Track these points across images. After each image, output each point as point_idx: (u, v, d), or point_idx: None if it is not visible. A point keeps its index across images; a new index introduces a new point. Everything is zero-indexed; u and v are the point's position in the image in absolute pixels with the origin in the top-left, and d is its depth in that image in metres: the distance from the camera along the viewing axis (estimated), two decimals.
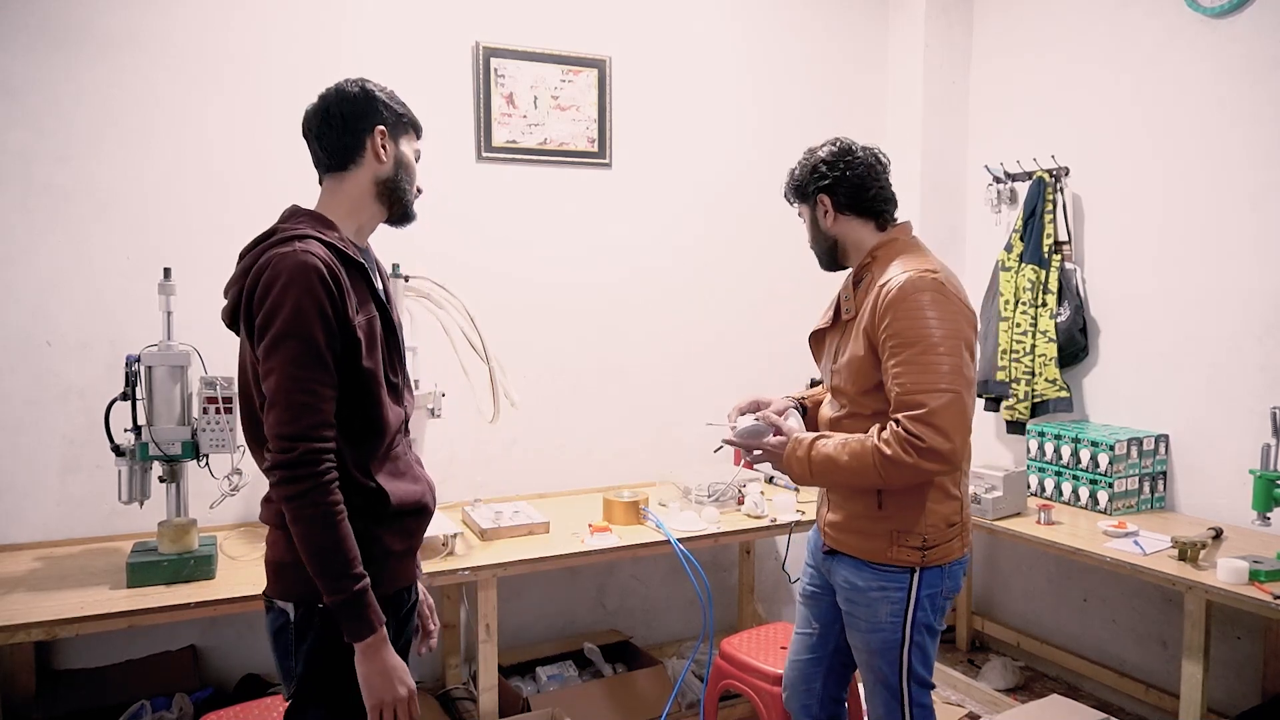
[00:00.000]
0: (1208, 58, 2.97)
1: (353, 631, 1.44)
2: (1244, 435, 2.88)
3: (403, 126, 1.64)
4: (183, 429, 2.33)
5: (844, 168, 1.96)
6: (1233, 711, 2.90)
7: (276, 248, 1.47)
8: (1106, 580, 3.35)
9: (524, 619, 3.34)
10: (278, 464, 1.42)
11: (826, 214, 2.00)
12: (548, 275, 3.31)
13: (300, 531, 1.42)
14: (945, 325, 1.79)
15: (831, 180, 1.96)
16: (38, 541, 2.63)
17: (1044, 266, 3.35)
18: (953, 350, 1.78)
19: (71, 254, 2.65)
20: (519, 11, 3.18)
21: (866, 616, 1.96)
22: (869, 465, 1.81)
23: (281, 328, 1.42)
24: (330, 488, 1.43)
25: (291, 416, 1.41)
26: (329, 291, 1.45)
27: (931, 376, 1.76)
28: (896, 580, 1.92)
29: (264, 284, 1.44)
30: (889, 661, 1.97)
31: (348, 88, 1.61)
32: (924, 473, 1.79)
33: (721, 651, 2.72)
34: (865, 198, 1.97)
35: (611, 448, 3.47)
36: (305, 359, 1.42)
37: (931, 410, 1.75)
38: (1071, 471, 3.14)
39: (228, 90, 2.80)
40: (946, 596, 1.99)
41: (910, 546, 1.90)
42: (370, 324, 1.53)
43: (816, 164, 2.00)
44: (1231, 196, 2.92)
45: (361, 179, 1.61)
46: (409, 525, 1.61)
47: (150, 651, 2.77)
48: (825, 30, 3.77)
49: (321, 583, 1.43)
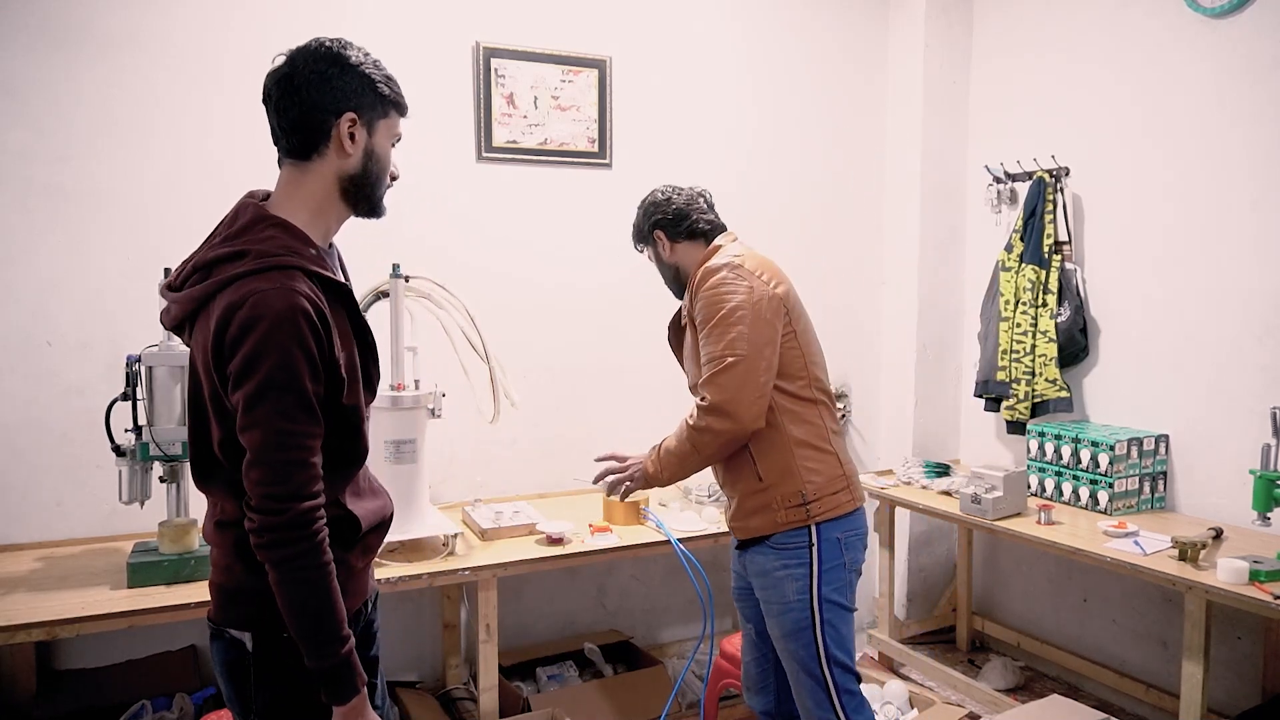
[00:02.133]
0: (1208, 58, 2.97)
1: (337, 695, 1.36)
2: (1244, 435, 2.88)
3: (382, 107, 1.43)
4: (183, 429, 2.33)
5: (667, 204, 2.25)
6: (1233, 711, 2.90)
7: (253, 279, 1.30)
8: (1106, 580, 3.35)
9: (524, 619, 3.34)
10: (266, 526, 1.29)
11: (664, 247, 2.27)
12: (548, 275, 3.31)
13: (288, 595, 1.31)
14: (736, 298, 2.04)
15: (658, 218, 2.25)
16: (38, 541, 2.64)
17: (1044, 267, 3.35)
18: (741, 319, 2.02)
19: (71, 254, 2.65)
20: (519, 11, 3.18)
21: (777, 599, 2.11)
22: (685, 440, 2.08)
23: (267, 378, 1.27)
24: (323, 548, 1.33)
25: (281, 476, 1.29)
26: (316, 336, 1.31)
27: (720, 345, 2.02)
28: (797, 557, 2.09)
29: (242, 325, 1.27)
30: (804, 644, 2.08)
31: (318, 52, 1.39)
32: (716, 432, 2.02)
33: (722, 651, 2.72)
34: (689, 224, 2.23)
35: (612, 448, 3.45)
36: (294, 412, 1.29)
37: (715, 371, 2.01)
38: (1072, 471, 3.14)
39: (228, 90, 2.80)
40: (850, 569, 2.13)
41: (794, 505, 2.08)
42: (350, 359, 1.42)
43: (647, 207, 2.29)
44: (1232, 197, 2.92)
45: (324, 173, 1.42)
46: (370, 541, 1.54)
47: (150, 651, 2.77)
48: (825, 30, 3.77)
49: (308, 647, 1.33)
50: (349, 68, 1.39)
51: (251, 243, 1.35)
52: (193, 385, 1.41)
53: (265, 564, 1.32)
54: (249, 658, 1.41)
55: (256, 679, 1.41)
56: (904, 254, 3.88)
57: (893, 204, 3.92)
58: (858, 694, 2.12)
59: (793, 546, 2.09)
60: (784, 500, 2.08)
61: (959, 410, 3.96)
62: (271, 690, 1.41)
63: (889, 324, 3.97)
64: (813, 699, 2.09)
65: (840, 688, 2.08)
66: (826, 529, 2.09)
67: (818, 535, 2.08)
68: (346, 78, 1.39)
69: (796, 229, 3.76)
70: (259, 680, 1.41)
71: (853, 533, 2.14)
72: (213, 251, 1.38)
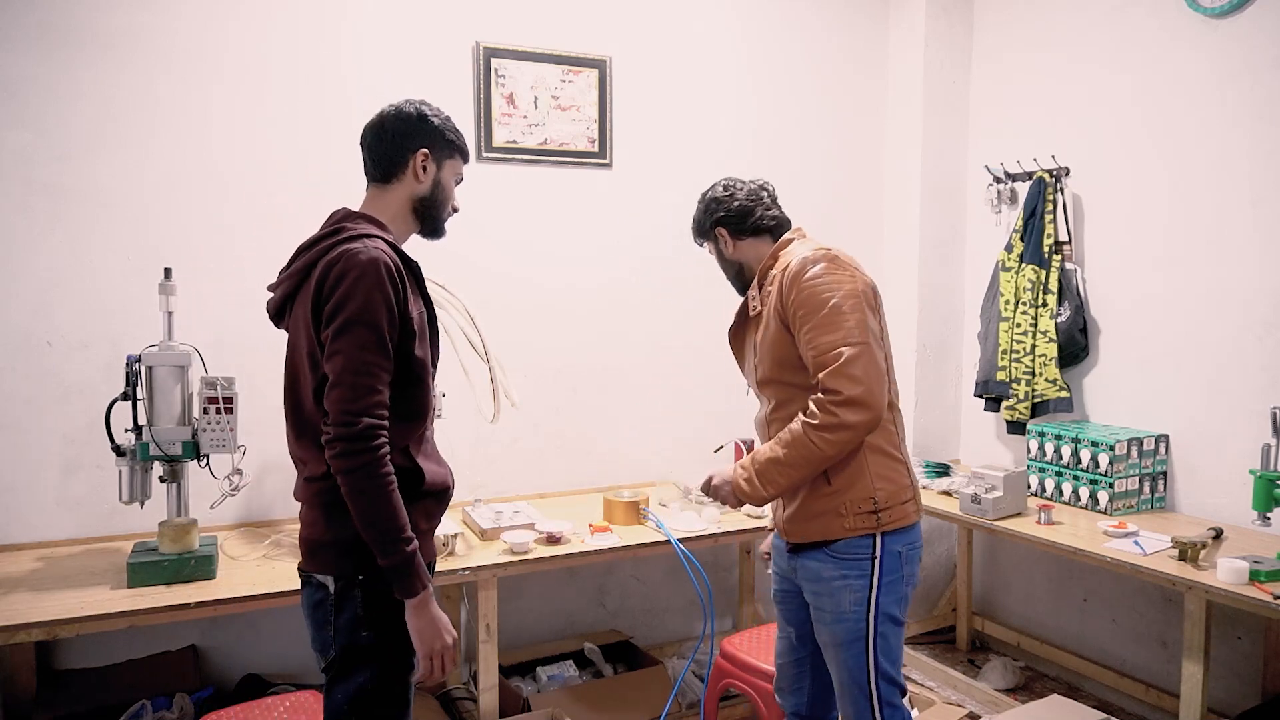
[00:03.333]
0: (1208, 58, 2.97)
1: (405, 589, 1.58)
2: (1244, 435, 2.88)
3: (449, 151, 1.79)
4: (183, 429, 2.33)
5: (729, 201, 2.17)
6: (1233, 711, 2.90)
7: (348, 244, 1.61)
8: (1107, 580, 3.35)
9: (524, 619, 3.34)
10: (340, 436, 1.53)
11: (727, 243, 2.19)
12: (548, 275, 3.31)
13: (358, 501, 1.54)
14: (843, 288, 1.95)
15: (723, 214, 2.17)
16: (38, 541, 2.63)
17: (1044, 267, 3.35)
18: (854, 309, 1.93)
19: (71, 254, 2.65)
20: (519, 11, 3.18)
21: (831, 607, 2.02)
22: (805, 443, 1.91)
23: (352, 314, 1.55)
24: (385, 461, 1.56)
25: (355, 395, 1.54)
26: (394, 285, 1.59)
27: (839, 334, 1.91)
28: (859, 568, 1.99)
29: (336, 275, 1.57)
30: (855, 655, 2.02)
31: (405, 108, 1.75)
32: (851, 426, 1.88)
33: (722, 651, 2.72)
34: (753, 220, 2.15)
35: (611, 448, 3.47)
36: (371, 344, 1.55)
37: (845, 360, 1.89)
38: (1072, 471, 3.14)
39: (228, 90, 2.80)
40: (907, 583, 2.05)
41: (864, 512, 1.98)
42: (422, 317, 1.69)
43: (709, 203, 2.20)
44: (1232, 196, 2.92)
45: (400, 194, 1.75)
46: (432, 506, 1.74)
47: (151, 651, 2.77)
48: (825, 30, 3.77)
49: (378, 547, 1.55)
50: (425, 120, 1.76)
51: (345, 226, 1.67)
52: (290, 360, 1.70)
53: (338, 475, 1.55)
54: (330, 599, 1.64)
55: (336, 618, 1.64)
56: (904, 254, 3.88)
57: (893, 204, 3.92)
58: (900, 708, 2.07)
59: (854, 557, 1.99)
60: (854, 506, 1.97)
61: (959, 410, 3.96)
62: (350, 628, 1.63)
63: (889, 323, 3.95)
64: (854, 708, 2.04)
65: (884, 700, 2.03)
66: (890, 540, 2.00)
67: (881, 547, 1.99)
68: (424, 124, 1.76)
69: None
70: (338, 619, 1.64)
71: (912, 546, 2.05)
72: (313, 236, 1.69)
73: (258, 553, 2.57)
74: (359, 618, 1.63)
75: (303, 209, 2.76)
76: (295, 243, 1.72)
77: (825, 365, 1.90)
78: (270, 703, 2.21)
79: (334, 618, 1.64)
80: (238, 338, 2.77)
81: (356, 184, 1.81)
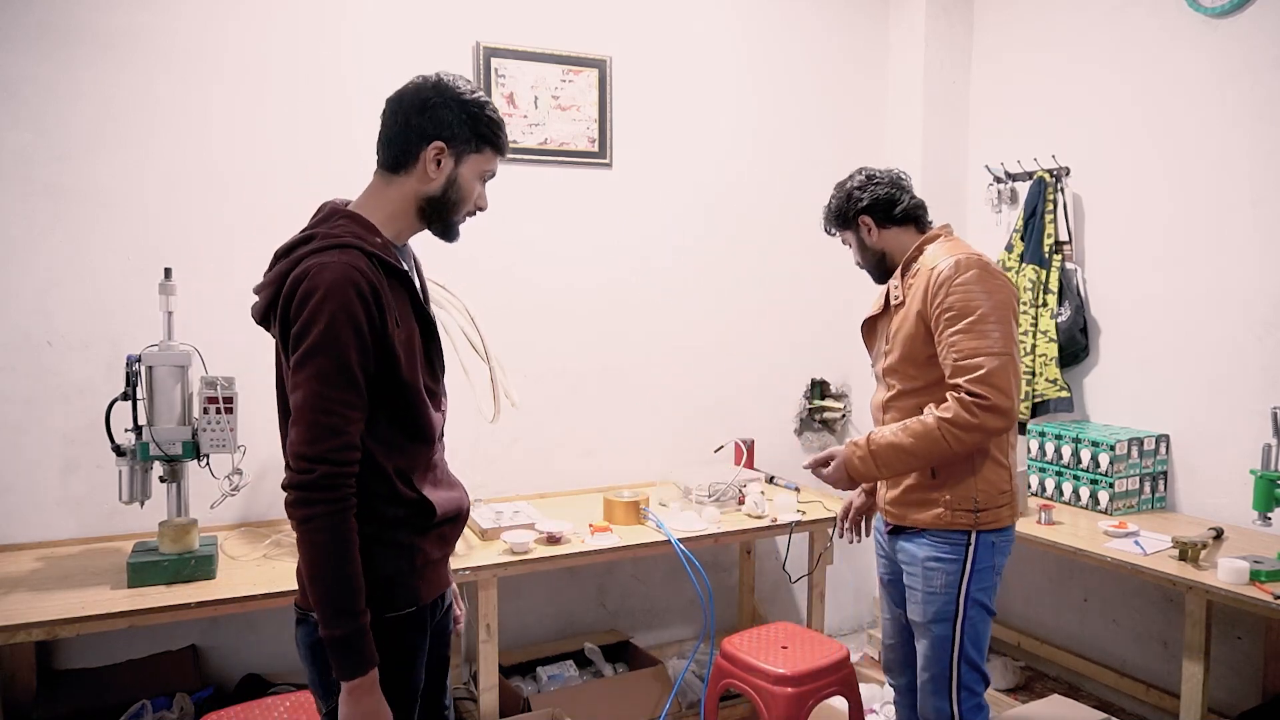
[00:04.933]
0: (1208, 58, 2.97)
1: (344, 669, 1.37)
2: (1244, 435, 2.88)
3: (475, 143, 1.51)
4: (183, 429, 2.33)
5: (874, 189, 2.18)
6: (1233, 711, 2.90)
7: (316, 255, 1.40)
8: (1107, 580, 3.35)
9: (524, 619, 3.34)
10: (295, 484, 1.36)
11: (870, 232, 2.20)
12: (548, 275, 3.31)
13: (309, 556, 1.37)
14: (993, 298, 1.99)
15: (868, 202, 2.17)
16: (38, 541, 2.63)
17: (1044, 266, 3.35)
18: (1001, 319, 1.98)
19: (71, 254, 2.65)
20: (519, 11, 3.18)
21: (922, 586, 2.11)
22: (935, 438, 1.98)
23: (314, 342, 1.36)
24: (346, 515, 1.37)
25: (314, 436, 1.36)
26: (366, 307, 1.38)
27: (986, 342, 1.96)
28: (953, 552, 2.08)
29: (300, 295, 1.37)
30: (941, 634, 2.09)
31: (428, 83, 1.48)
32: (988, 431, 1.96)
33: (722, 651, 2.72)
34: (899, 209, 2.18)
35: (611, 448, 3.47)
36: (335, 377, 1.37)
37: (990, 370, 1.94)
38: (1072, 471, 3.14)
39: (228, 90, 2.80)
40: (998, 574, 2.13)
41: (964, 510, 2.06)
42: (410, 337, 1.48)
43: (851, 192, 2.20)
44: (1232, 196, 2.92)
45: (406, 188, 1.51)
46: (447, 532, 1.60)
47: (151, 651, 2.77)
48: (826, 30, 3.77)
49: (320, 612, 1.37)
50: (451, 100, 1.47)
51: (322, 229, 1.46)
52: (279, 374, 1.50)
53: (291, 524, 1.37)
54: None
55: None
56: None
57: None
58: (979, 695, 2.12)
59: (950, 542, 2.09)
60: (955, 503, 2.07)
61: None
62: None
63: None
64: (933, 687, 2.10)
65: (963, 684, 2.09)
66: (985, 534, 2.09)
67: (976, 539, 2.08)
68: (446, 111, 1.47)
69: (796, 229, 3.75)
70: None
71: (1005, 539, 2.15)
72: (289, 243, 1.49)
73: (258, 553, 2.57)
74: None
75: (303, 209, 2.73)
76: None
77: (968, 371, 1.96)
78: (270, 703, 2.21)
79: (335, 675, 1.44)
80: (238, 337, 2.76)
81: (357, 184, 1.80)
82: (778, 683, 2.52)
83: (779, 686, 2.51)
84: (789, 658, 2.60)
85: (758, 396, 3.69)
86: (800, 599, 3.80)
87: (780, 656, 2.61)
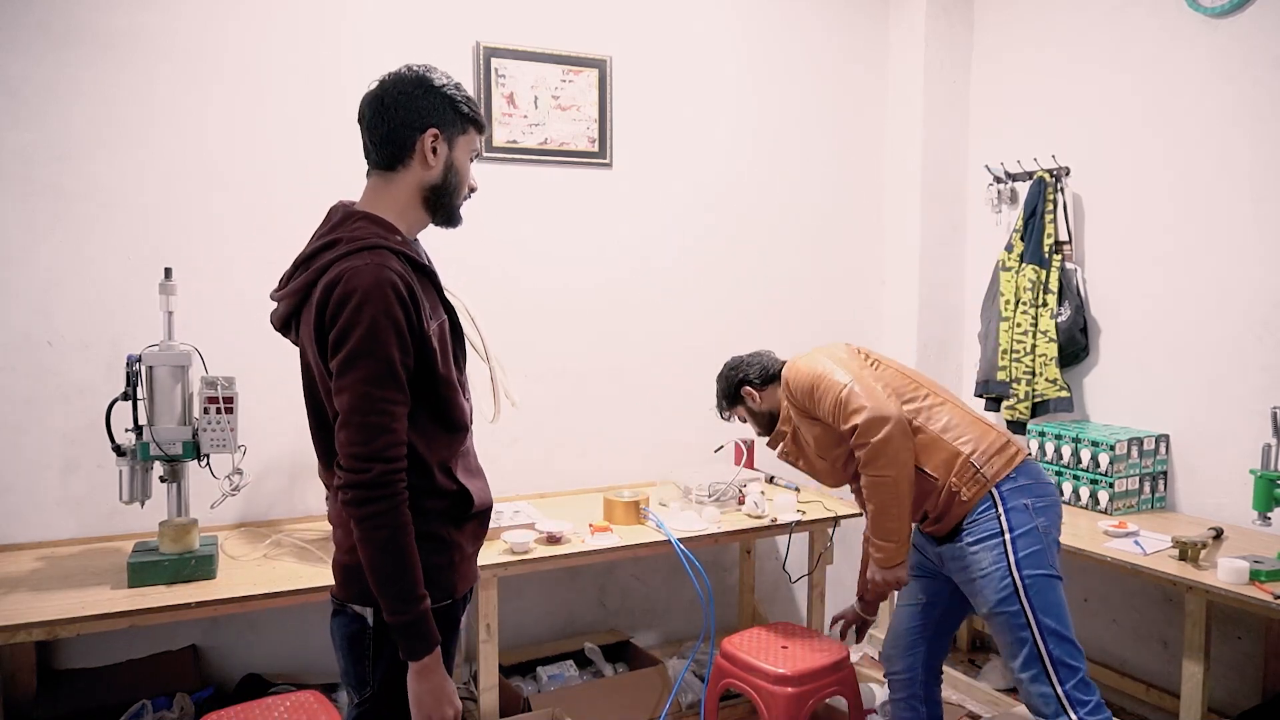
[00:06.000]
0: (1208, 57, 2.97)
1: (412, 651, 1.46)
2: (1244, 435, 2.88)
3: (461, 125, 1.56)
4: (184, 429, 2.33)
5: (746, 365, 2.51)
6: (1233, 711, 2.90)
7: (346, 260, 1.43)
8: (1107, 580, 3.35)
9: (524, 619, 3.34)
10: (351, 483, 1.41)
11: (755, 399, 2.50)
12: (548, 275, 3.31)
13: (370, 552, 1.42)
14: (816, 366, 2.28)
15: (744, 373, 2.51)
16: (38, 541, 2.63)
17: (1044, 266, 3.35)
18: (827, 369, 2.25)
19: (71, 254, 2.65)
20: (519, 11, 3.18)
21: (976, 573, 2.14)
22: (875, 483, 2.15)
23: (357, 346, 1.40)
24: (403, 509, 1.43)
25: (366, 437, 1.40)
26: (404, 306, 1.43)
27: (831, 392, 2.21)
28: (986, 528, 2.12)
29: (336, 299, 1.41)
30: (1012, 614, 2.07)
31: (406, 76, 1.52)
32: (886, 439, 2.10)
33: (722, 651, 2.72)
34: (768, 369, 2.49)
35: (611, 448, 3.47)
36: (380, 378, 1.41)
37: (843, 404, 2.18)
38: (1072, 471, 3.14)
39: (228, 89, 2.80)
40: (1046, 534, 2.12)
41: (969, 477, 2.14)
42: (441, 330, 1.53)
43: (728, 373, 2.55)
44: (1232, 196, 2.92)
45: (408, 182, 1.55)
46: (478, 529, 1.65)
47: (151, 651, 2.77)
48: (826, 29, 3.77)
49: (386, 602, 1.43)
50: (432, 89, 1.53)
51: (343, 233, 1.49)
52: (307, 379, 1.55)
53: (351, 521, 1.43)
54: (369, 632, 1.52)
55: (375, 652, 1.52)
56: (904, 254, 3.88)
57: (893, 204, 3.92)
58: (1080, 670, 2.02)
59: (980, 519, 2.14)
60: (960, 477, 2.15)
61: None
62: (389, 663, 1.51)
63: (889, 324, 3.97)
64: (1027, 672, 2.03)
65: (1058, 661, 2.00)
66: (1010, 495, 2.12)
67: (1001, 500, 2.12)
68: (430, 98, 1.52)
69: (797, 229, 3.76)
70: (377, 653, 1.52)
71: (1041, 500, 2.16)
72: (310, 247, 1.52)
73: (258, 553, 2.57)
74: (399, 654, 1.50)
75: (303, 209, 2.75)
76: (295, 243, 1.67)
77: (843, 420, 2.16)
78: (270, 703, 2.21)
79: (372, 653, 1.52)
80: (238, 337, 2.77)
81: (357, 184, 1.79)
82: (778, 683, 2.52)
83: (779, 686, 2.52)
84: (789, 658, 2.61)
85: None
86: (800, 599, 3.81)
87: (780, 656, 2.61)
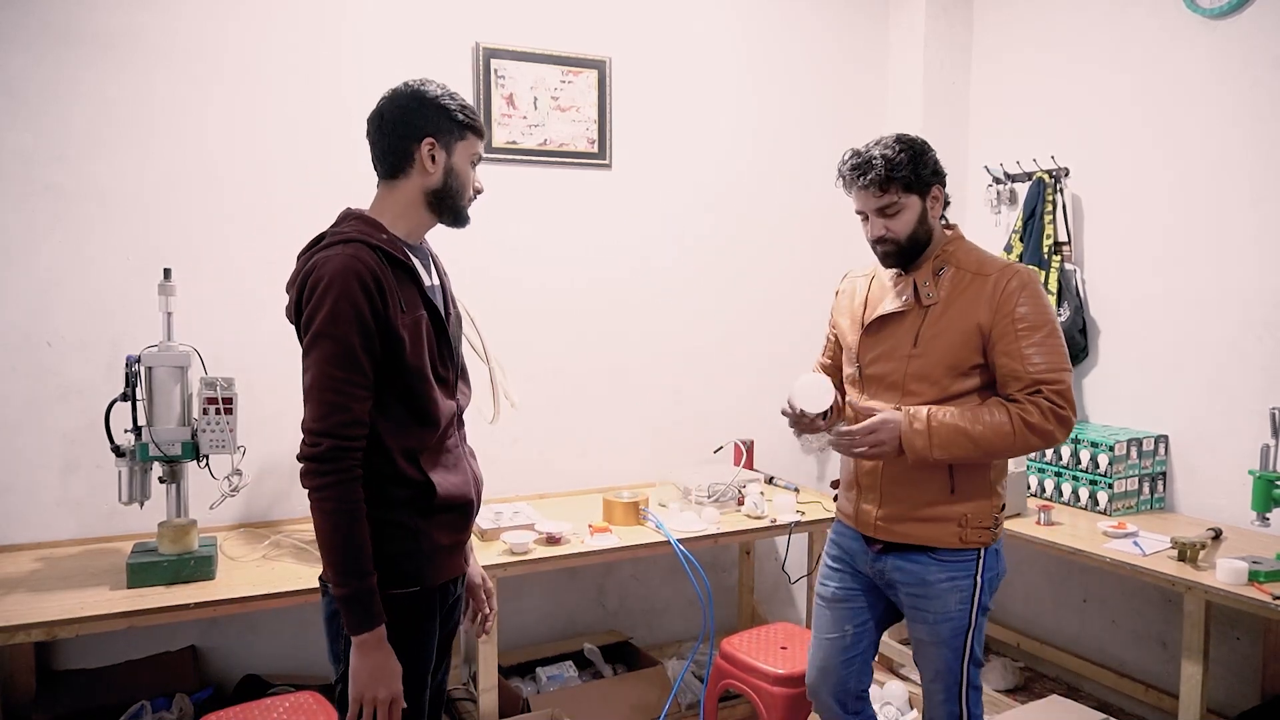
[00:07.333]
0: (1208, 58, 2.97)
1: (353, 625, 1.51)
2: (1244, 436, 2.88)
3: (458, 131, 1.64)
4: (183, 429, 2.33)
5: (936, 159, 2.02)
6: (1232, 711, 2.90)
7: (324, 251, 1.54)
8: (1106, 581, 3.35)
9: (524, 619, 3.34)
10: (305, 456, 1.49)
11: (934, 206, 2.01)
12: (548, 276, 3.31)
13: (319, 522, 1.50)
14: (1054, 313, 1.97)
15: (944, 175, 2.03)
16: (38, 542, 2.63)
17: (1044, 267, 3.35)
18: (1062, 335, 1.95)
19: (71, 254, 2.65)
20: (519, 12, 3.18)
21: (936, 609, 2.01)
22: (1005, 434, 1.88)
23: (319, 328, 1.49)
24: (353, 485, 1.50)
25: (322, 413, 1.49)
26: (369, 294, 1.50)
27: (1060, 357, 1.92)
28: (964, 570, 2.00)
29: (311, 286, 1.52)
30: (954, 650, 2.03)
31: (402, 91, 1.63)
32: (1054, 441, 1.91)
33: (722, 651, 2.72)
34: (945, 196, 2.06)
35: (611, 448, 3.47)
36: (339, 358, 1.49)
37: (1068, 386, 1.91)
38: (1071, 472, 3.14)
39: (228, 90, 2.80)
40: (1000, 575, 2.08)
41: (982, 527, 1.99)
42: (417, 323, 1.59)
43: (931, 155, 2.01)
44: (1232, 197, 2.92)
45: (411, 189, 1.64)
46: (454, 521, 1.68)
47: (150, 652, 2.77)
48: (825, 30, 3.77)
49: (331, 573, 1.50)
50: (426, 100, 1.62)
51: (331, 230, 1.61)
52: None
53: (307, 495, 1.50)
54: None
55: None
56: None
57: None
58: (980, 688, 2.09)
59: (962, 559, 1.99)
60: (975, 519, 1.98)
61: None
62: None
63: None
64: (944, 695, 2.06)
65: (970, 683, 2.06)
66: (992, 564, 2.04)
67: (985, 550, 2.02)
68: (425, 109, 1.62)
69: (797, 229, 3.76)
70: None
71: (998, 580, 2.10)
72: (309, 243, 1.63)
73: (257, 553, 2.57)
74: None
75: (302, 209, 2.76)
76: (294, 243, 1.70)
77: (1052, 382, 1.88)
78: (270, 703, 2.21)
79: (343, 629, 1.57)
80: (238, 338, 2.77)
81: (356, 184, 1.80)
82: (777, 683, 2.52)
83: (778, 687, 2.52)
84: (788, 658, 2.61)
85: (757, 397, 3.69)
86: (800, 599, 3.81)
87: (780, 657, 2.62)
